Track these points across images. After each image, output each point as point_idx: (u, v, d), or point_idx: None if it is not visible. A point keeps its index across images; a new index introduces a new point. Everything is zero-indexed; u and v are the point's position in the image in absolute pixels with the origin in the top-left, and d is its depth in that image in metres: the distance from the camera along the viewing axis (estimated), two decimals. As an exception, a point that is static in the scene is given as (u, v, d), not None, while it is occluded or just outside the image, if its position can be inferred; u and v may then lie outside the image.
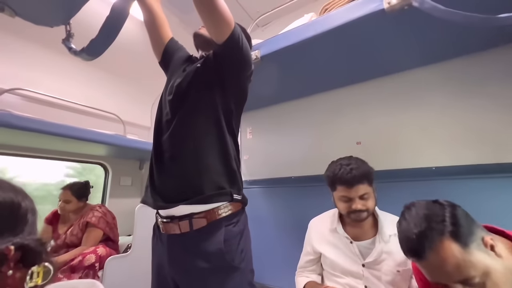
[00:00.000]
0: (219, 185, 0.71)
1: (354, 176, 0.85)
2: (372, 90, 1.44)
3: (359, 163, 0.88)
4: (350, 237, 0.93)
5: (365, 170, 0.87)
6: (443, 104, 1.23)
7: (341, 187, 0.88)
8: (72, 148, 2.04)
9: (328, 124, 1.59)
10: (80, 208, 1.81)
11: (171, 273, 0.73)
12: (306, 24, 1.07)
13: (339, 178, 0.88)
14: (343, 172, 0.87)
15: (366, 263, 0.88)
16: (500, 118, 1.07)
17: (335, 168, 0.90)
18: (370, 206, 0.88)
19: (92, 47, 0.74)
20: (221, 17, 0.68)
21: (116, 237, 1.89)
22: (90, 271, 1.56)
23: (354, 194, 0.86)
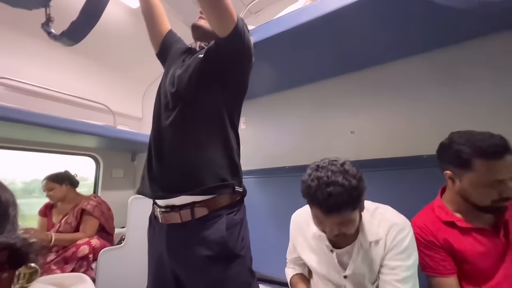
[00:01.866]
0: (222, 177, 0.71)
1: (331, 206, 0.65)
2: (364, 79, 1.44)
3: (344, 185, 0.64)
4: (330, 245, 0.81)
5: (347, 198, 0.64)
6: (432, 94, 1.23)
7: (316, 211, 0.70)
8: (61, 140, 1.99)
9: (322, 113, 1.58)
10: (71, 194, 1.80)
11: (170, 264, 0.73)
12: (300, 9, 1.03)
13: (312, 199, 0.68)
14: (320, 194, 0.65)
15: (347, 275, 0.79)
16: (489, 106, 1.08)
17: (310, 184, 0.68)
18: (349, 231, 0.70)
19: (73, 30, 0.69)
20: (225, 11, 0.66)
21: (111, 229, 1.88)
22: (83, 262, 1.56)
23: (329, 222, 0.68)
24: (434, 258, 0.80)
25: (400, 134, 1.29)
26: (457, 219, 0.79)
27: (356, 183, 0.66)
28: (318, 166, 0.71)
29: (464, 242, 0.77)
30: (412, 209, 0.95)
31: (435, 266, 0.80)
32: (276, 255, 1.48)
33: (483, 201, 0.75)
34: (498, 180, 0.71)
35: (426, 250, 0.82)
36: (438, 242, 0.80)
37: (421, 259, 0.81)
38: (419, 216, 0.87)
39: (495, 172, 0.71)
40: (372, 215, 0.79)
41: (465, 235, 0.78)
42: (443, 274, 0.78)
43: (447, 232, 0.80)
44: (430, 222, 0.83)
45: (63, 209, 1.78)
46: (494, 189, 0.72)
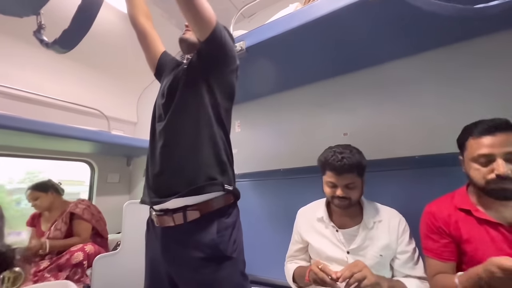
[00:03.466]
0: (210, 176, 0.73)
1: (343, 165, 0.86)
2: (357, 81, 1.45)
3: (353, 153, 0.89)
4: (336, 226, 0.95)
5: (356, 161, 0.88)
6: (426, 94, 1.25)
7: (330, 173, 0.90)
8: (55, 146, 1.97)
9: (316, 115, 1.59)
10: (57, 202, 1.78)
11: (165, 266, 0.75)
12: (291, 14, 1.05)
13: (329, 164, 0.89)
14: (334, 159, 0.88)
15: (350, 250, 0.91)
16: (487, 105, 1.09)
17: (328, 154, 0.92)
18: (354, 196, 0.89)
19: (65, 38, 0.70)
20: (202, 14, 0.70)
21: (104, 232, 1.86)
22: (78, 269, 1.54)
23: (340, 182, 0.88)
24: (437, 243, 0.81)
25: (393, 135, 1.31)
26: (474, 208, 0.77)
27: (360, 156, 0.91)
28: (331, 147, 0.96)
29: (475, 232, 0.76)
30: (405, 209, 0.96)
31: (436, 249, 0.81)
32: (271, 258, 1.49)
33: (477, 179, 0.74)
34: (484, 154, 0.72)
35: (432, 234, 0.83)
36: (447, 229, 0.80)
37: (424, 241, 0.85)
38: (435, 202, 0.87)
39: (481, 147, 0.73)
40: (370, 205, 0.97)
41: (479, 226, 0.76)
42: (442, 259, 0.80)
43: (460, 219, 0.79)
44: (444, 208, 0.83)
45: (51, 216, 1.76)
46: (483, 166, 0.72)
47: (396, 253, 0.88)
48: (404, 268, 0.87)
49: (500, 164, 0.69)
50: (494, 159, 0.71)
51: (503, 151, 0.70)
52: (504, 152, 0.70)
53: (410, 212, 0.93)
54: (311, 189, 1.43)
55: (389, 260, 0.89)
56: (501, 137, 0.71)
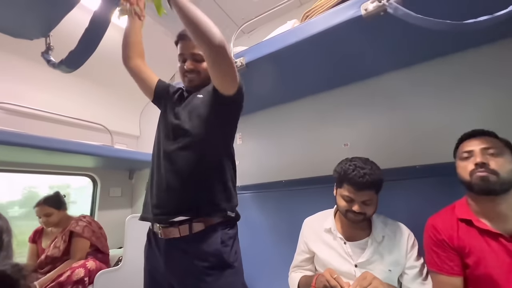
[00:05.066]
0: (215, 202, 0.78)
1: (365, 182, 0.83)
2: (357, 92, 1.48)
3: (373, 170, 0.86)
4: (344, 238, 0.94)
5: (377, 179, 0.86)
6: (425, 105, 1.27)
7: (349, 187, 0.87)
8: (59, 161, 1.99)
9: (316, 127, 1.61)
10: (63, 218, 1.77)
11: (167, 277, 0.78)
12: (288, 31, 1.09)
13: (349, 179, 0.86)
14: (355, 175, 0.85)
15: (358, 263, 0.89)
16: (486, 116, 1.11)
17: (348, 168, 0.88)
18: (369, 212, 0.88)
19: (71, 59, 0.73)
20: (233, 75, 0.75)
21: (105, 248, 1.84)
22: (79, 286, 1.51)
23: (358, 198, 0.86)
24: (442, 256, 0.81)
25: (393, 145, 1.31)
26: (475, 218, 0.78)
27: (381, 173, 0.88)
28: (350, 159, 0.93)
29: (477, 244, 0.76)
30: (405, 220, 0.96)
31: (441, 263, 0.80)
32: (273, 270, 1.46)
33: (463, 175, 0.81)
34: (465, 150, 0.82)
35: (436, 247, 0.83)
36: (451, 242, 0.80)
37: (428, 255, 0.85)
38: (437, 215, 0.88)
39: (464, 147, 0.84)
40: (377, 216, 0.95)
41: (479, 237, 0.77)
42: (447, 273, 0.79)
43: (462, 230, 0.80)
44: (447, 221, 0.83)
45: (52, 233, 1.75)
46: (467, 161, 0.80)
47: (405, 268, 0.87)
48: (413, 284, 0.85)
49: (477, 154, 0.78)
50: (474, 153, 0.79)
51: (479, 147, 0.79)
52: (481, 148, 0.79)
53: (411, 223, 0.93)
54: (313, 200, 1.43)
55: (397, 275, 0.87)
56: (479, 139, 0.81)
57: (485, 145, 0.78)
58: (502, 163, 0.74)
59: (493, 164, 0.75)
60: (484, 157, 0.77)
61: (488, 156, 0.77)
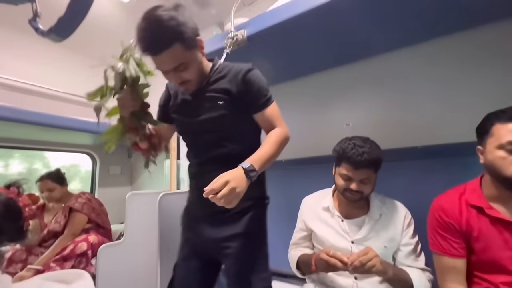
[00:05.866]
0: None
1: (363, 161, 0.83)
2: (359, 71, 1.42)
3: (373, 149, 0.86)
4: (341, 216, 0.95)
5: (376, 157, 0.85)
6: (429, 85, 1.23)
7: (347, 166, 0.87)
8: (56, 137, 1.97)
9: (318, 106, 1.57)
10: (64, 194, 1.79)
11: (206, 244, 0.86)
12: (293, 1, 1.02)
13: (347, 157, 0.86)
14: (354, 153, 0.84)
15: (355, 240, 0.91)
16: (490, 97, 1.07)
17: (347, 146, 0.87)
18: (366, 191, 0.88)
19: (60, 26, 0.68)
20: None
21: (106, 223, 1.88)
22: (83, 259, 1.57)
23: (356, 177, 0.86)
24: (447, 239, 0.78)
25: (395, 125, 1.29)
26: (486, 205, 0.73)
27: (380, 152, 0.87)
28: (349, 138, 0.92)
29: (487, 232, 0.72)
30: (407, 201, 0.96)
31: (445, 246, 0.78)
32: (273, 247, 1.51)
33: (503, 168, 0.68)
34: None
35: (441, 230, 0.79)
36: (458, 226, 0.76)
37: (432, 237, 0.82)
38: (444, 196, 0.83)
39: (506, 135, 0.68)
40: (376, 194, 0.96)
41: (491, 225, 0.72)
42: (451, 255, 0.77)
43: (472, 216, 0.75)
44: (456, 204, 0.78)
45: (54, 209, 1.78)
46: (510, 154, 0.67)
47: (400, 245, 0.89)
48: (407, 260, 0.87)
49: None
50: None
51: None
52: None
53: (412, 202, 0.93)
54: (313, 179, 1.44)
55: (392, 252, 0.89)
56: None
57: None
58: None
59: None
60: None
61: None
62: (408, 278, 0.81)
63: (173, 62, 0.72)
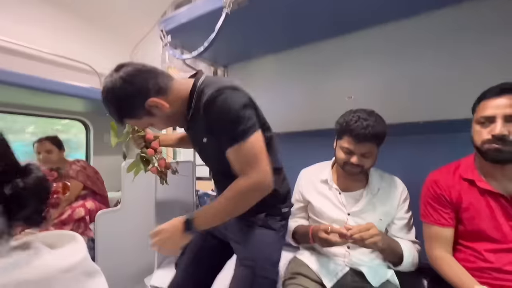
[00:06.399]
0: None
1: (366, 134, 0.80)
2: (362, 41, 1.34)
3: (378, 122, 0.82)
4: (339, 188, 0.95)
5: (380, 131, 0.82)
6: (433, 57, 1.16)
7: (349, 139, 0.84)
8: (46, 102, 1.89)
9: (318, 77, 1.51)
10: (61, 160, 1.78)
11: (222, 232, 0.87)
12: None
13: (350, 130, 0.82)
14: (358, 126, 0.81)
15: (351, 212, 0.91)
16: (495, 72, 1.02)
17: (351, 119, 0.84)
18: (367, 165, 0.86)
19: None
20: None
21: (102, 191, 1.89)
22: (81, 224, 1.60)
23: (358, 150, 0.84)
24: (437, 210, 0.82)
25: (397, 100, 1.25)
26: (478, 178, 0.76)
27: (384, 126, 0.84)
28: (354, 110, 0.87)
29: (476, 202, 0.76)
30: (407, 176, 0.96)
31: (436, 216, 0.82)
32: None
33: (476, 140, 0.74)
34: (486, 116, 0.71)
35: (433, 201, 0.83)
36: (449, 197, 0.80)
37: (424, 208, 0.86)
38: (440, 170, 0.86)
39: (486, 108, 0.72)
40: (375, 169, 0.95)
41: (480, 196, 0.76)
42: (441, 224, 0.81)
43: (464, 189, 0.79)
44: (449, 177, 0.82)
45: (50, 174, 1.76)
46: (485, 127, 0.72)
47: (394, 218, 0.90)
48: (399, 233, 0.89)
49: (498, 124, 0.68)
50: (495, 121, 0.69)
51: (503, 112, 0.68)
52: (505, 114, 0.68)
53: (411, 178, 0.93)
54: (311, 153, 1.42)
55: (386, 225, 0.91)
56: (506, 98, 0.69)
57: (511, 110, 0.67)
58: None
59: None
60: (506, 127, 0.67)
61: (510, 125, 0.67)
62: (399, 249, 0.83)
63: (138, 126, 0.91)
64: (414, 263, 0.84)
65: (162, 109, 0.70)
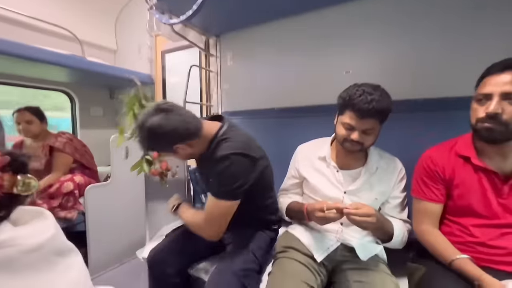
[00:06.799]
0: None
1: (370, 109, 0.76)
2: (362, 11, 1.25)
3: (383, 97, 0.78)
4: (337, 166, 0.92)
5: (385, 107, 0.77)
6: (434, 32, 1.10)
7: (351, 114, 0.80)
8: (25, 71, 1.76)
9: (315, 50, 1.43)
10: (43, 132, 1.70)
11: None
12: None
13: (354, 104, 0.78)
14: (362, 100, 0.76)
15: (348, 191, 0.89)
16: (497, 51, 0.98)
17: (355, 93, 0.79)
18: (368, 143, 0.83)
19: None
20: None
21: (91, 164, 1.85)
22: (70, 197, 1.58)
23: (359, 126, 0.80)
24: (429, 185, 0.82)
25: (396, 76, 1.20)
26: (474, 155, 0.76)
27: (390, 102, 0.80)
28: (359, 84, 0.82)
29: (468, 179, 0.76)
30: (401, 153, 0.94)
31: (427, 192, 0.82)
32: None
33: (471, 118, 0.73)
34: (483, 93, 0.70)
35: (426, 178, 0.83)
36: (442, 174, 0.80)
37: (416, 184, 0.86)
38: (436, 148, 0.85)
39: (485, 86, 0.70)
40: (374, 148, 0.92)
41: (473, 173, 0.76)
42: (430, 200, 0.82)
43: (458, 165, 0.78)
44: (445, 154, 0.81)
45: (32, 147, 1.70)
46: (481, 105, 0.70)
47: (389, 197, 0.90)
48: (392, 212, 0.89)
49: (493, 102, 0.67)
50: (492, 98, 0.68)
51: (501, 90, 0.66)
52: (503, 91, 0.66)
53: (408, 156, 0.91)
54: (305, 130, 1.40)
55: (381, 203, 0.91)
56: (507, 75, 0.66)
57: (509, 87, 0.65)
58: None
59: (509, 113, 0.65)
60: (499, 105, 0.66)
61: (506, 103, 0.66)
62: (391, 228, 0.83)
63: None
64: (403, 241, 0.85)
65: (186, 151, 0.89)
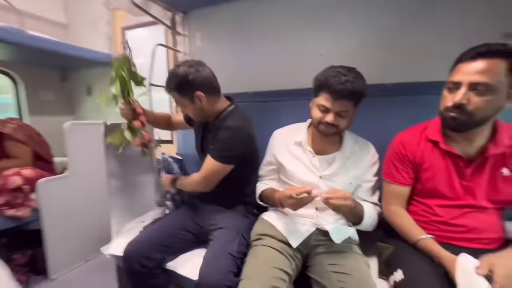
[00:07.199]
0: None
1: (343, 90, 0.76)
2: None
3: (357, 79, 0.78)
4: (313, 152, 0.92)
5: (359, 89, 0.78)
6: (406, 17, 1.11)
7: (326, 96, 0.80)
8: None
9: (290, 32, 1.38)
10: None
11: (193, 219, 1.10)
12: None
13: (329, 86, 0.78)
14: (336, 81, 0.77)
15: (323, 175, 0.90)
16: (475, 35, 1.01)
17: (330, 74, 0.79)
18: (342, 125, 0.83)
19: None
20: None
21: (47, 155, 1.67)
22: (19, 194, 1.40)
23: (334, 108, 0.80)
24: (399, 169, 0.84)
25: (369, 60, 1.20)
26: (442, 140, 0.78)
27: (364, 84, 0.81)
28: (335, 66, 0.83)
29: (436, 163, 0.79)
30: (375, 136, 0.95)
31: (397, 175, 0.85)
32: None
33: (441, 106, 0.74)
34: (453, 82, 0.70)
35: (396, 161, 0.85)
36: (413, 158, 0.82)
37: (386, 167, 0.88)
38: (407, 131, 0.87)
39: (456, 73, 0.70)
40: (349, 133, 0.94)
41: (441, 158, 0.78)
42: (399, 183, 0.84)
43: (428, 150, 0.81)
44: (415, 138, 0.83)
45: None
46: (450, 93, 0.71)
47: (362, 181, 0.91)
48: (365, 195, 0.91)
49: (460, 92, 0.67)
50: (460, 87, 0.68)
51: (469, 80, 0.66)
52: (471, 81, 0.66)
53: (379, 140, 0.92)
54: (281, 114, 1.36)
55: (354, 187, 0.92)
56: (478, 64, 0.66)
57: (478, 77, 0.64)
58: (484, 105, 0.65)
59: (474, 104, 0.66)
60: (466, 95, 0.66)
61: (473, 94, 0.66)
62: (362, 211, 0.84)
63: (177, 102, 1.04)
64: (373, 224, 0.87)
65: (202, 102, 0.97)
